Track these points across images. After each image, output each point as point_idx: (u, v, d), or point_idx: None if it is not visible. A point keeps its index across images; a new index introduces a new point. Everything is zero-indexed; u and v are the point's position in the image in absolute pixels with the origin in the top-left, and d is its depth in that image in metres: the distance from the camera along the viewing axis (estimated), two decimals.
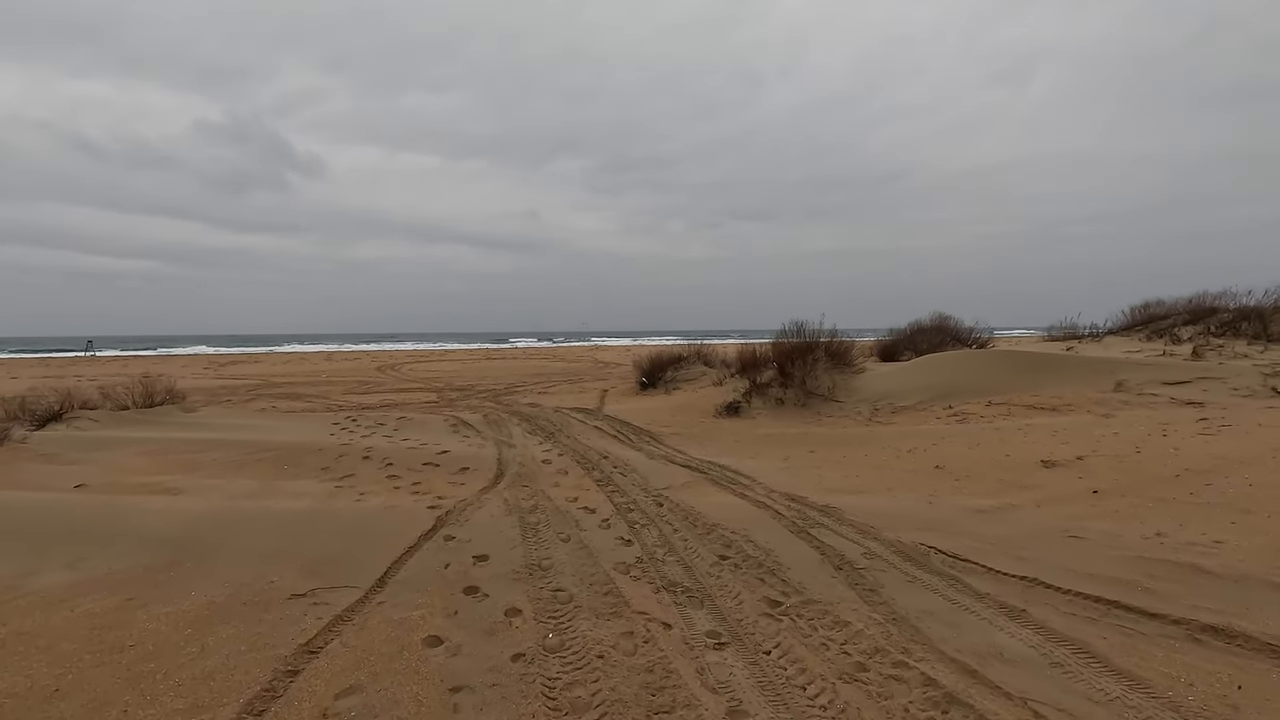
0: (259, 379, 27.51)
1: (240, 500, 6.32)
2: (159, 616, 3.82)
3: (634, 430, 10.62)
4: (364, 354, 47.49)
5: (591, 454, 8.64)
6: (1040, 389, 10.68)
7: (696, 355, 16.45)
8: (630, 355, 43.28)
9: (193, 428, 10.96)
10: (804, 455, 8.51)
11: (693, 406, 12.38)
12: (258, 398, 20.50)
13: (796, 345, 11.74)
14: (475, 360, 38.16)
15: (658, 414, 12.02)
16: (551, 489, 6.77)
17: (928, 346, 14.85)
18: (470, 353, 49.18)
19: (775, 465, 7.89)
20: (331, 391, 21.74)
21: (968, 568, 4.23)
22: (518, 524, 5.39)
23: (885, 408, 10.77)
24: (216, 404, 18.50)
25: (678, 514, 5.63)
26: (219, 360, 40.52)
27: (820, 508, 5.69)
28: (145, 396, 12.61)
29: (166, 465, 8.17)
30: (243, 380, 27.30)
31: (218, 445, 9.20)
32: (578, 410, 13.16)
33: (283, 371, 31.27)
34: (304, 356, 44.58)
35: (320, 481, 7.39)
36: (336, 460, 8.28)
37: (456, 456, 8.38)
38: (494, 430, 10.70)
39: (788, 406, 11.35)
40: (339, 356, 44.04)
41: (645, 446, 9.31)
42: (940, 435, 9.02)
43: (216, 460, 8.40)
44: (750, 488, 6.63)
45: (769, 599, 3.86)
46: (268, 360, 40.44)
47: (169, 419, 11.65)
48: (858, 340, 12.69)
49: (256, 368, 34.14)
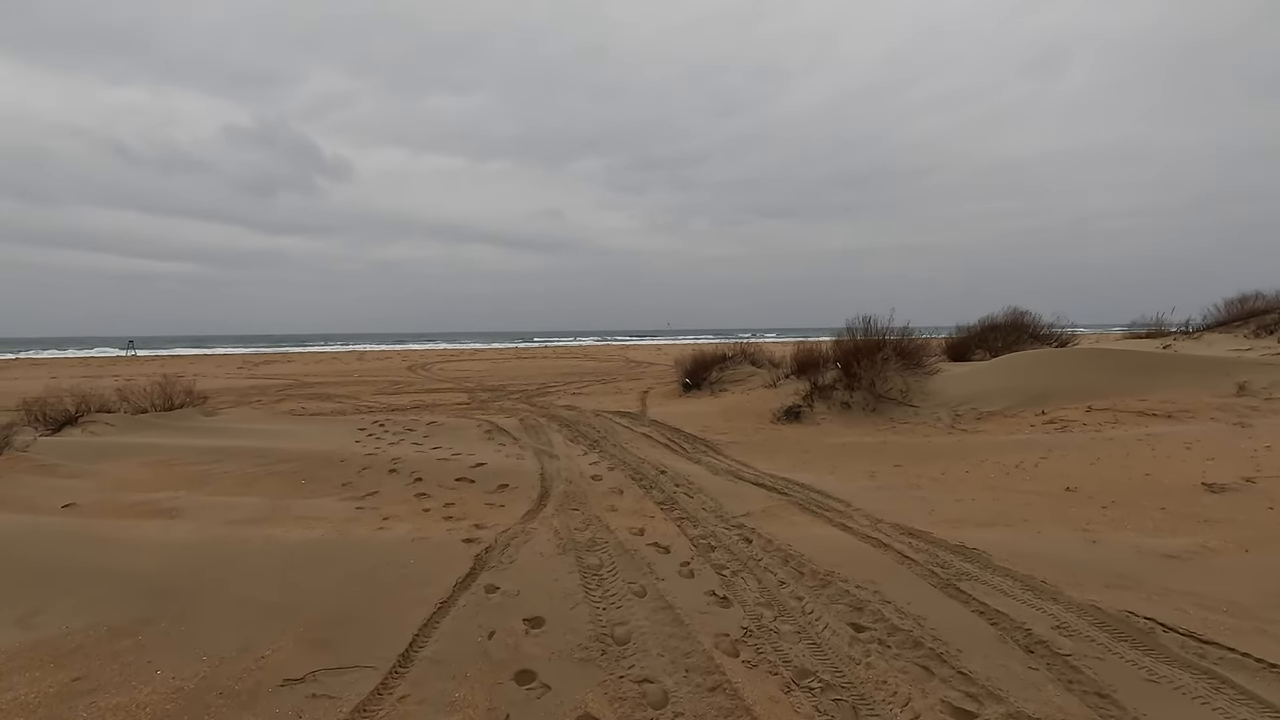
0: (291, 379, 26.83)
1: (244, 527, 5.26)
2: (103, 714, 2.74)
3: (686, 438, 9.44)
4: (394, 353, 46.90)
5: (645, 468, 7.47)
6: (1146, 392, 9.31)
7: (742, 354, 15.21)
8: (662, 354, 42.14)
9: (210, 433, 10.01)
10: (891, 471, 7.26)
11: (746, 410, 11.16)
12: (287, 398, 19.71)
13: (862, 343, 10.47)
14: (505, 360, 37.25)
15: (709, 419, 10.82)
16: (608, 514, 5.61)
17: (1002, 345, 13.47)
18: (500, 352, 48.35)
19: (863, 484, 6.66)
20: (362, 392, 20.89)
21: (1218, 654, 2.97)
22: (575, 567, 4.23)
23: (968, 413, 9.47)
24: (245, 405, 17.72)
25: (774, 554, 4.43)
26: (252, 360, 40.11)
27: (954, 548, 4.45)
28: (164, 399, 11.73)
29: (173, 478, 7.17)
30: (274, 380, 26.63)
31: (232, 454, 8.20)
32: (620, 414, 12.01)
33: (314, 371, 30.61)
34: (336, 356, 44.08)
35: (339, 500, 6.32)
36: (360, 474, 7.21)
37: (493, 470, 7.27)
38: (532, 438, 9.60)
39: (855, 411, 10.10)
40: (370, 356, 43.46)
41: (704, 458, 8.12)
42: (1044, 447, 7.71)
43: (228, 473, 7.39)
44: (848, 516, 5.40)
45: (953, 707, 2.64)
46: (300, 360, 39.94)
47: (187, 423, 10.73)
48: (926, 338, 11.38)
49: (289, 367, 33.56)
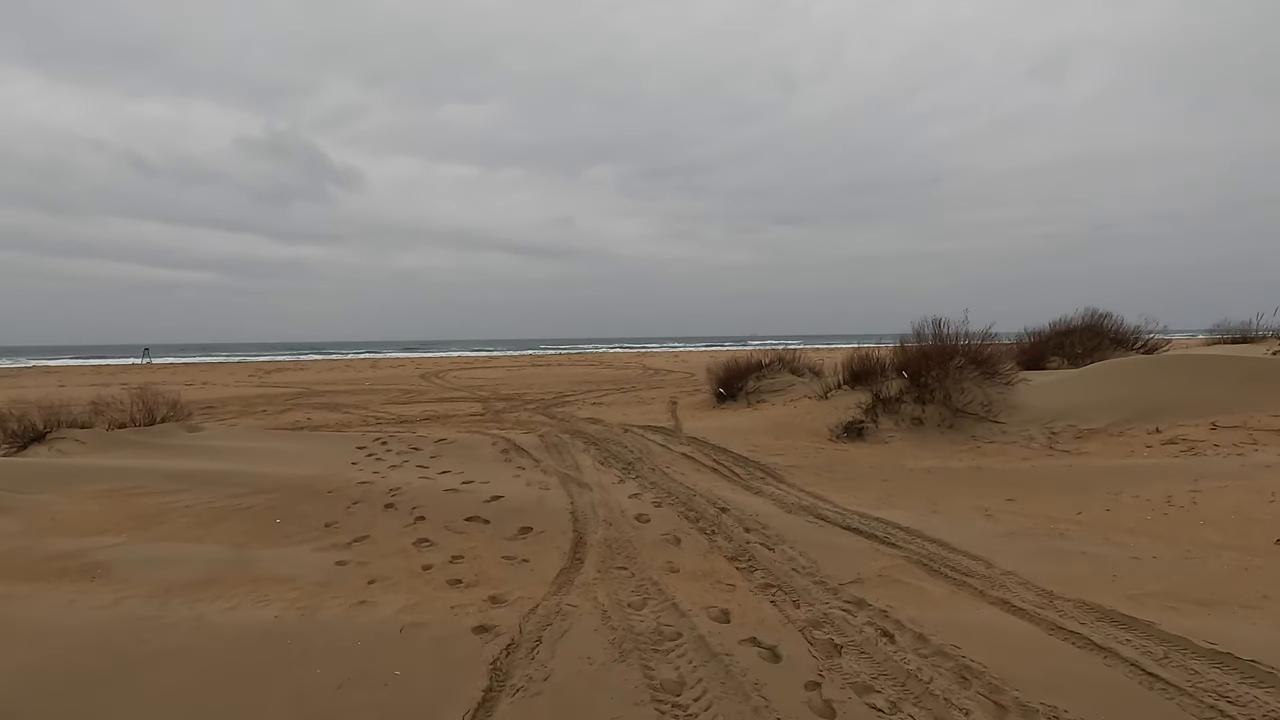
0: (301, 387, 25.53)
1: (177, 597, 3.80)
2: None
3: (737, 460, 7.92)
4: (408, 361, 45.64)
5: (699, 502, 5.95)
6: (1277, 407, 7.74)
7: (779, 362, 13.68)
8: (680, 361, 40.64)
9: (187, 453, 8.58)
10: (1008, 507, 5.71)
11: (797, 426, 9.64)
12: (294, 408, 18.37)
13: (933, 350, 8.93)
14: (520, 367, 35.85)
15: (756, 436, 9.30)
16: (668, 577, 4.10)
17: (1081, 351, 11.91)
18: (514, 359, 46.98)
19: (983, 527, 5.11)
20: (372, 401, 19.52)
21: None
22: (644, 689, 2.73)
23: (1065, 431, 7.92)
24: (248, 415, 16.37)
25: (939, 665, 2.88)
26: (265, 368, 38.92)
27: (1203, 651, 2.92)
28: (146, 413, 10.34)
29: (122, 515, 5.73)
30: (284, 389, 25.33)
31: (204, 481, 6.76)
32: (651, 429, 10.50)
33: (326, 379, 29.32)
34: (349, 364, 42.85)
35: (317, 549, 4.86)
36: (349, 510, 5.75)
37: (513, 505, 5.78)
38: (555, 458, 8.11)
39: (929, 428, 8.56)
40: (384, 364, 42.19)
41: (766, 488, 6.59)
42: (1184, 475, 6.13)
43: (190, 507, 5.94)
44: (1001, 585, 3.85)
45: None
46: (313, 368, 38.71)
47: (166, 440, 9.32)
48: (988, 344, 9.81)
49: (300, 375, 32.30)
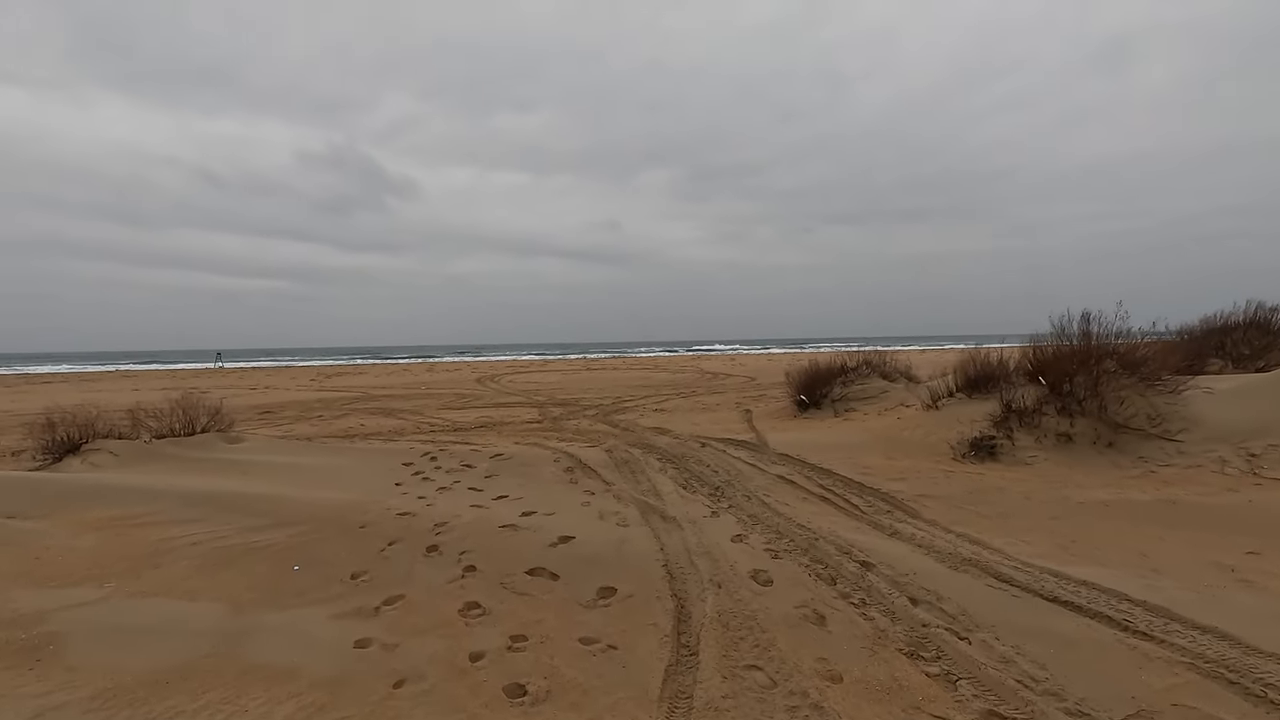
0: (359, 391, 24.96)
1: (122, 712, 2.60)
2: None
3: (849, 486, 6.43)
4: (464, 365, 45.19)
5: (826, 550, 4.51)
6: None
7: (866, 365, 12.05)
8: (737, 365, 38.99)
9: (217, 470, 7.56)
10: (1256, 565, 4.10)
11: (905, 441, 8.07)
12: (350, 413, 17.59)
13: (1077, 351, 7.22)
14: (575, 372, 34.78)
15: (860, 454, 7.78)
16: (831, 694, 2.70)
17: (1249, 352, 9.96)
18: (569, 364, 46.06)
19: (1251, 603, 3.55)
20: (427, 406, 18.62)
21: None
22: None
23: (1269, 453, 6.17)
24: (304, 420, 15.61)
25: None
26: (326, 372, 38.90)
27: None
28: (186, 423, 9.46)
29: (115, 555, 4.64)
30: (342, 393, 24.81)
31: (225, 508, 5.66)
32: (731, 442, 9.07)
33: (384, 383, 28.79)
34: (407, 368, 42.61)
35: (335, 615, 3.62)
36: (383, 554, 4.53)
37: (586, 551, 4.46)
38: (628, 480, 6.79)
39: (1080, 445, 6.90)
40: (440, 368, 41.79)
41: (902, 527, 5.09)
42: None
43: (199, 545, 4.81)
44: None
45: None
46: (372, 372, 38.49)
47: (201, 453, 8.36)
48: None
49: (360, 379, 31.95)
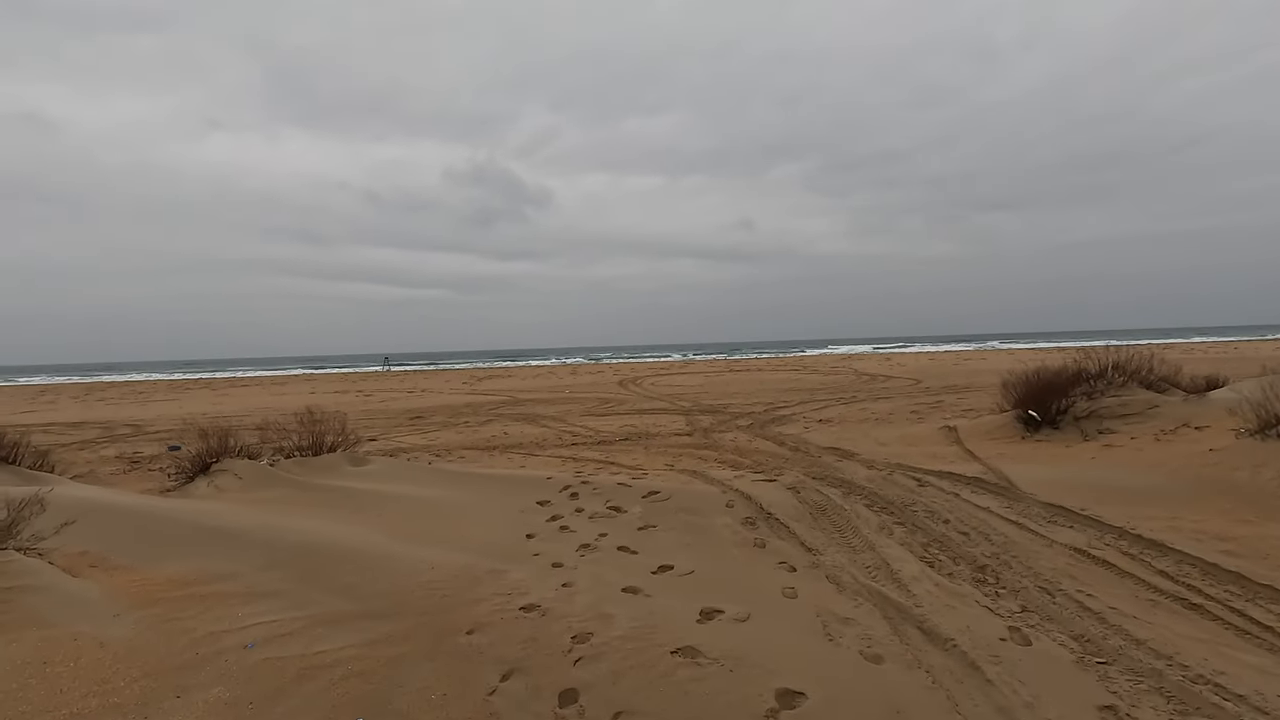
0: (506, 395, 24.49)
1: None
2: None
3: (1212, 574, 3.93)
4: (606, 367, 44.51)
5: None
6: None
7: (1117, 370, 9.00)
8: (894, 365, 35.12)
9: (329, 504, 6.29)
10: None
11: (1240, 487, 5.27)
12: (495, 418, 16.73)
13: None
14: (717, 373, 32.72)
15: (1173, 505, 5.12)
16: None
17: None
18: (710, 364, 44.04)
19: None
20: (570, 412, 17.40)
21: None
22: None
23: None
24: (449, 428, 14.83)
25: None
26: (477, 375, 39.57)
27: None
28: (313, 442, 8.49)
29: (133, 671, 3.21)
30: (490, 396, 24.46)
31: (307, 575, 4.21)
32: (951, 476, 6.64)
33: (529, 386, 28.34)
34: (551, 370, 42.55)
35: None
36: (487, 705, 2.79)
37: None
38: (838, 544, 4.69)
39: None
40: (583, 370, 41.32)
41: None
42: None
43: (244, 657, 3.32)
44: None
45: None
46: (519, 374, 38.65)
47: (320, 479, 7.22)
48: None
49: (507, 383, 31.87)
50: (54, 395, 32.16)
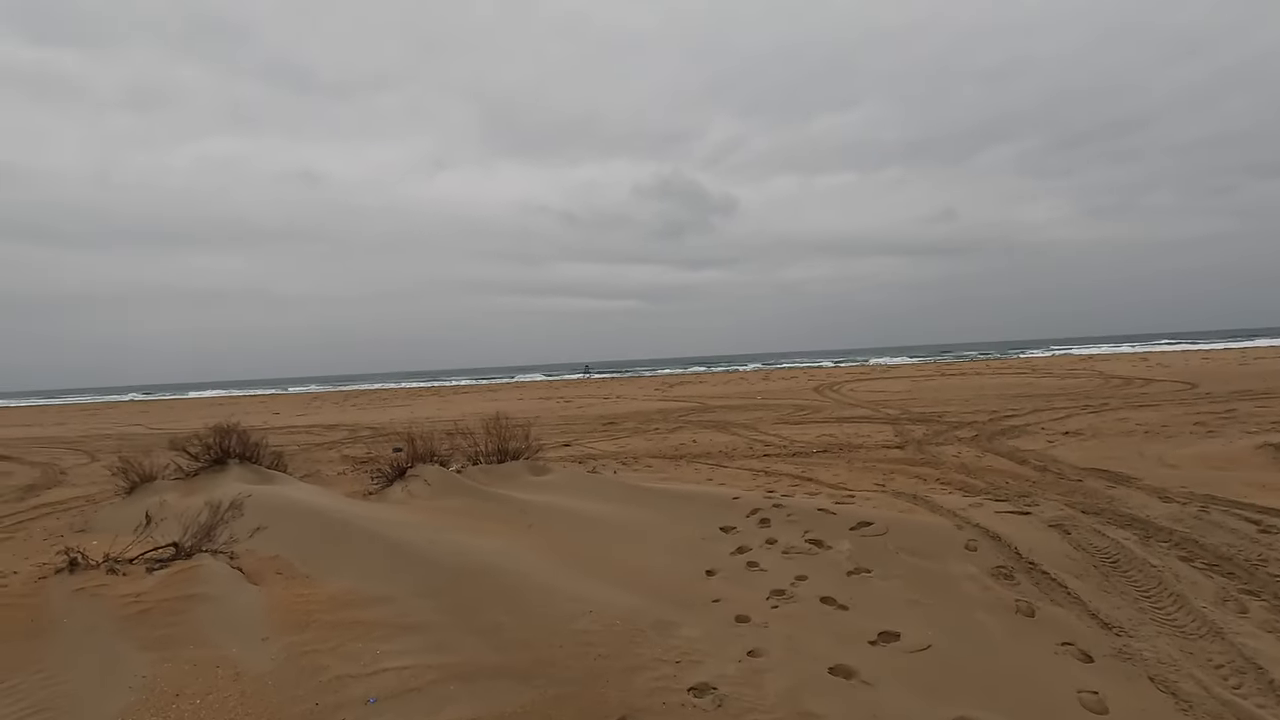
0: (696, 401, 23.93)
1: None
2: None
3: None
4: (800, 372, 42.39)
5: None
6: None
7: None
8: (1152, 366, 29.05)
9: (503, 517, 5.89)
10: None
11: None
12: (684, 425, 16.13)
13: None
14: (925, 377, 29.41)
15: None
16: None
17: None
18: (916, 368, 40.05)
19: None
20: (762, 420, 16.26)
21: None
22: None
23: None
24: (638, 435, 14.52)
25: None
26: (669, 381, 39.67)
27: None
28: (499, 446, 8.36)
29: (261, 706, 2.85)
30: (681, 402, 24.05)
31: (458, 608, 3.68)
32: None
33: (720, 393, 27.55)
34: (743, 376, 41.44)
35: None
36: None
37: None
38: (1155, 622, 3.17)
39: None
40: (775, 375, 39.68)
41: None
42: None
43: (394, 678, 2.78)
44: None
45: None
46: (710, 380, 38.09)
47: (501, 488, 6.95)
48: None
49: (698, 388, 31.39)
50: (321, 402, 37.64)
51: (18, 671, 3.16)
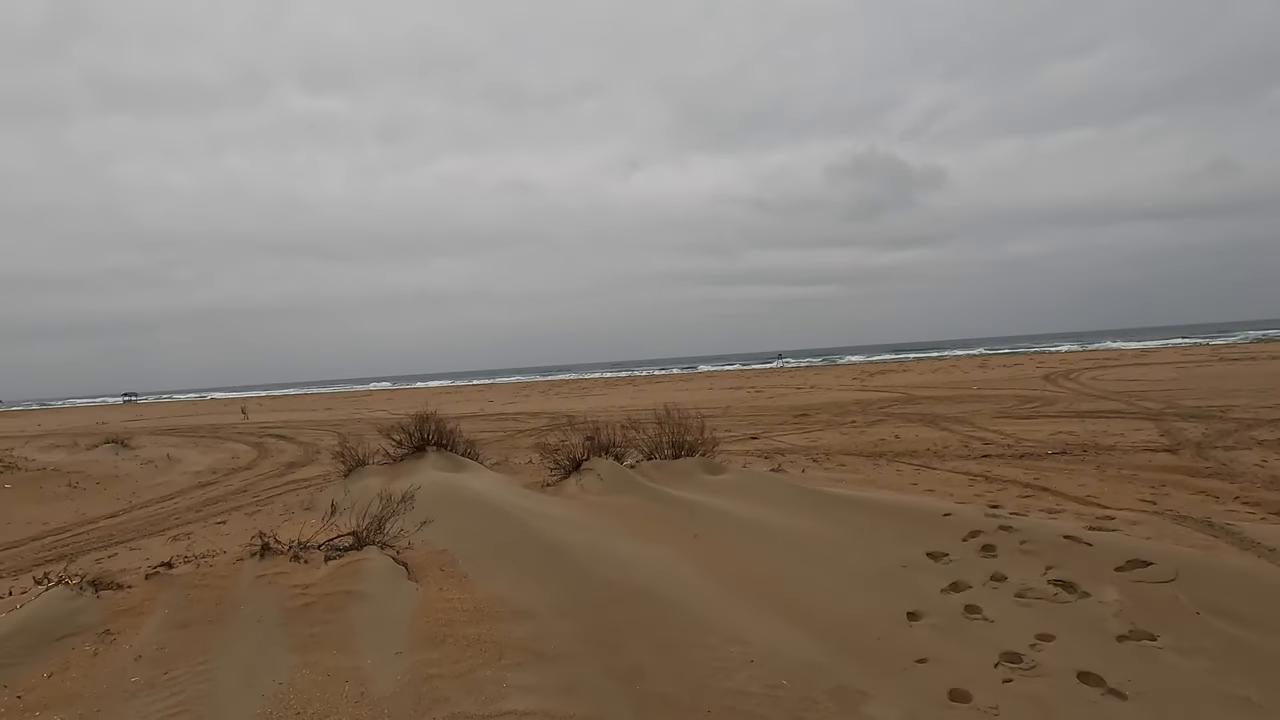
0: (900, 391, 21.78)
1: None
2: None
3: None
4: (1025, 359, 37.08)
5: None
6: None
7: None
8: None
9: (664, 520, 5.34)
10: None
11: None
12: (885, 418, 14.58)
13: None
14: (1197, 363, 24.02)
15: None
16: None
17: None
18: (1184, 352, 33.01)
19: None
20: (979, 413, 14.13)
21: None
22: None
23: None
24: (832, 428, 13.29)
25: None
26: (869, 370, 36.84)
27: None
28: (674, 439, 7.85)
29: None
30: (882, 393, 22.05)
31: (616, 626, 3.19)
32: None
33: (927, 382, 24.87)
34: (954, 364, 37.17)
35: None
36: None
37: None
38: None
39: None
40: (994, 362, 35.06)
41: None
42: None
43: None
44: None
45: None
46: (916, 369, 34.67)
47: (671, 487, 6.43)
48: None
49: (902, 377, 28.66)
50: (529, 391, 40.52)
51: (185, 660, 3.22)
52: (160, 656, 3.24)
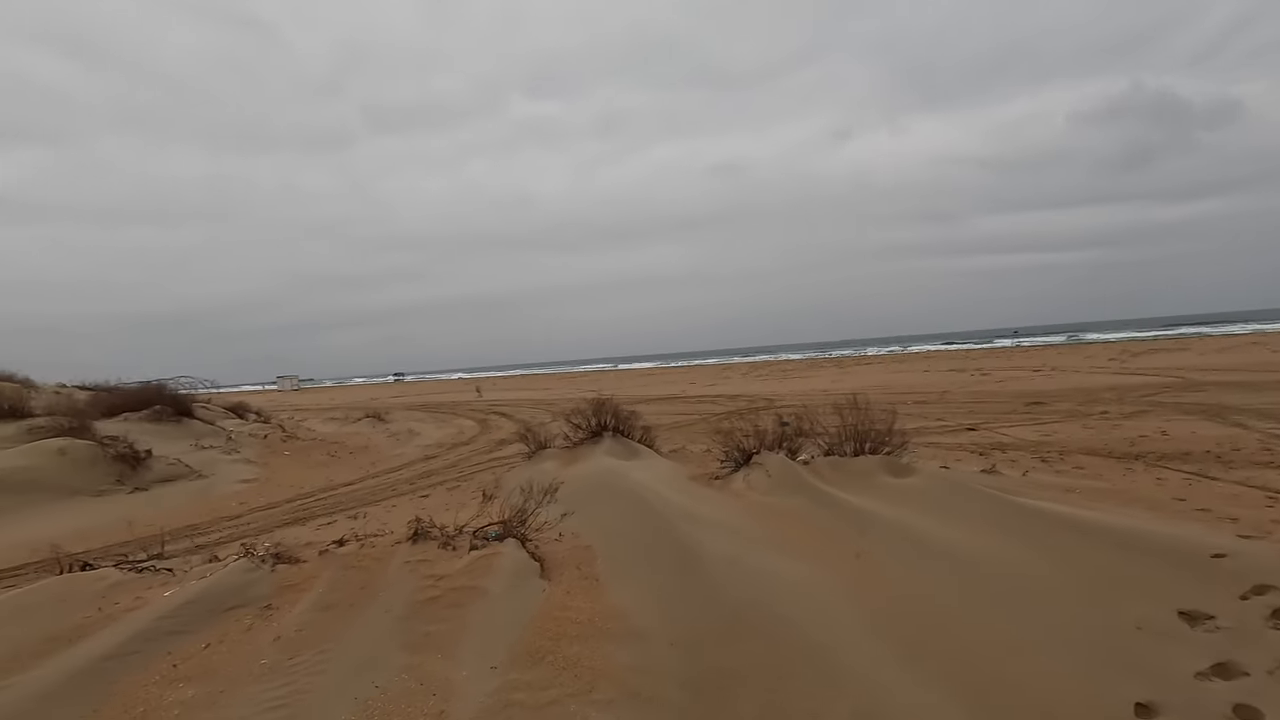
0: (1173, 374, 17.78)
1: None
2: None
3: None
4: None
5: None
6: None
7: None
8: None
9: (827, 533, 4.56)
10: None
11: None
12: (1148, 410, 11.86)
13: None
14: None
15: None
16: None
17: None
18: None
19: None
20: None
21: None
22: None
23: None
24: (1079, 416, 11.00)
25: None
26: (1131, 349, 30.64)
27: None
28: (856, 435, 6.85)
29: None
30: (1147, 375, 18.19)
31: (723, 673, 2.71)
32: None
33: (1213, 364, 20.04)
34: (1255, 340, 29.41)
35: None
36: None
37: None
38: None
39: None
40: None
41: None
42: None
43: None
44: None
45: None
46: (1197, 347, 28.09)
47: (841, 489, 5.59)
48: None
49: (1178, 357, 23.36)
50: (730, 373, 40.11)
51: (313, 646, 3.29)
52: (294, 639, 3.35)
